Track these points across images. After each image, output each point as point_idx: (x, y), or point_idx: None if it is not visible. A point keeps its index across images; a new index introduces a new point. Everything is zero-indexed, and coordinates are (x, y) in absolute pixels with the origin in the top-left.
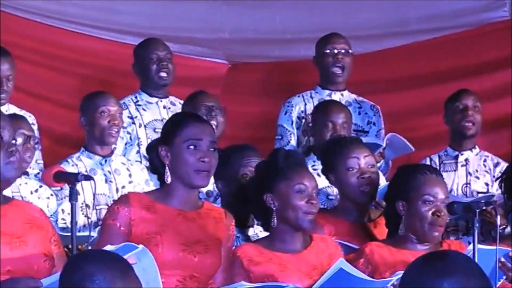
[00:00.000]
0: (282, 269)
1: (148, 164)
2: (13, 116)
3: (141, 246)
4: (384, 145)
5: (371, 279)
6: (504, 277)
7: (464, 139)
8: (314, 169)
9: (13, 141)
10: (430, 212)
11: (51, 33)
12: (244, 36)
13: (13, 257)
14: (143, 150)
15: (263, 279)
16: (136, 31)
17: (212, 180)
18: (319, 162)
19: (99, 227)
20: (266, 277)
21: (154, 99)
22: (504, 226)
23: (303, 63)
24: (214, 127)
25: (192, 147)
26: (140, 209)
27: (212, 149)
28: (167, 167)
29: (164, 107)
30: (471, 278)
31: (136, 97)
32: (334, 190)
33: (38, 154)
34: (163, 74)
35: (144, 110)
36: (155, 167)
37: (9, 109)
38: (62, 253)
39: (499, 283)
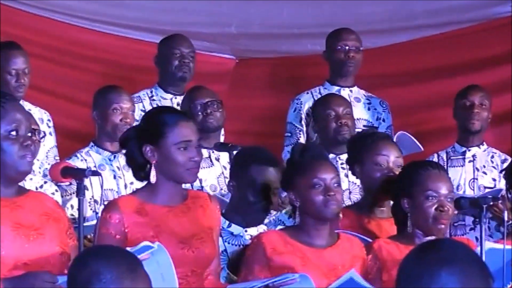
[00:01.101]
0: (304, 263)
1: None
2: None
3: (156, 244)
4: None
5: None
6: None
7: (470, 135)
8: None
9: (29, 134)
10: (433, 208)
11: (60, 29)
12: (251, 30)
13: (29, 249)
14: None
15: (283, 270)
16: (143, 26)
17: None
18: None
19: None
20: (286, 269)
21: (169, 96)
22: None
23: (311, 58)
24: (211, 121)
25: (182, 148)
26: (131, 214)
27: (198, 146)
28: (153, 166)
29: (178, 104)
30: (468, 265)
31: (151, 92)
32: None
33: (54, 151)
34: (183, 69)
35: (158, 105)
36: (134, 160)
37: (24, 105)
38: (77, 246)
39: (509, 285)
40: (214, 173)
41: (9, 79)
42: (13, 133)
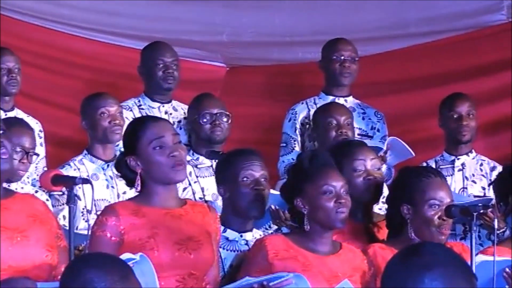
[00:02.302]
0: (305, 268)
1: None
2: (19, 124)
3: (138, 255)
4: (384, 148)
5: None
6: (507, 287)
7: (459, 144)
8: None
9: (1, 131)
10: (436, 216)
11: (52, 37)
12: (243, 38)
13: (14, 252)
14: None
15: None
16: (135, 33)
17: None
18: None
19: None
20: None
21: (156, 104)
22: (503, 229)
23: (303, 66)
24: (218, 133)
25: (158, 147)
26: (128, 216)
27: (177, 142)
28: (138, 176)
29: (166, 113)
30: (451, 267)
31: (139, 101)
32: None
33: (43, 162)
34: (168, 81)
35: (147, 114)
36: (130, 180)
37: (17, 114)
38: (66, 248)
39: None
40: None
41: (0, 75)
42: None
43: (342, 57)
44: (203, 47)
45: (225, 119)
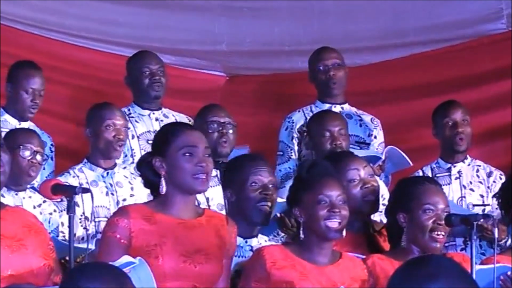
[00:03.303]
0: (303, 277)
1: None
2: (24, 130)
3: (137, 260)
4: (383, 157)
5: None
6: None
7: (456, 153)
8: None
9: None
10: (430, 221)
11: (52, 46)
12: (242, 48)
13: (14, 260)
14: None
15: (282, 284)
16: (134, 43)
17: None
18: None
19: (96, 238)
20: (285, 283)
21: (146, 112)
22: (505, 239)
23: (301, 75)
24: (224, 143)
25: (188, 154)
26: (140, 220)
27: (207, 155)
28: (162, 178)
29: (157, 119)
30: (455, 279)
31: (128, 110)
32: None
33: (52, 176)
34: (155, 88)
35: (137, 122)
36: (149, 181)
37: (30, 126)
38: (56, 260)
39: None
40: (221, 192)
41: (25, 97)
42: None
43: (327, 67)
44: (203, 56)
45: (231, 131)
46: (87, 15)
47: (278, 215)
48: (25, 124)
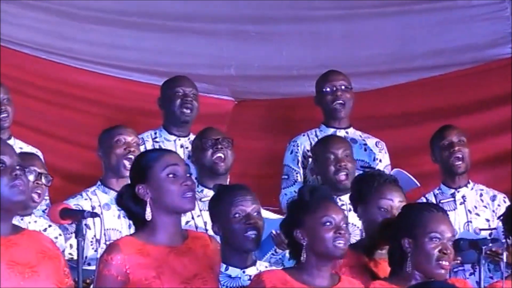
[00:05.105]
0: None
1: None
2: (25, 153)
3: None
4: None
5: None
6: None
7: (456, 176)
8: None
9: (17, 167)
10: (436, 250)
11: (61, 71)
12: (250, 72)
13: (25, 287)
14: None
15: None
16: (142, 67)
17: None
18: None
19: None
20: None
21: (172, 137)
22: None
23: (309, 100)
24: (222, 158)
25: (171, 175)
26: (133, 255)
27: (188, 174)
28: (148, 204)
29: (182, 146)
30: None
31: (155, 133)
32: None
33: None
34: (186, 110)
35: (161, 146)
36: (131, 212)
37: (15, 143)
38: (72, 286)
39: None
40: None
41: None
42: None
43: (334, 88)
44: (211, 80)
45: (226, 144)
46: (95, 40)
47: (274, 232)
48: (10, 142)
